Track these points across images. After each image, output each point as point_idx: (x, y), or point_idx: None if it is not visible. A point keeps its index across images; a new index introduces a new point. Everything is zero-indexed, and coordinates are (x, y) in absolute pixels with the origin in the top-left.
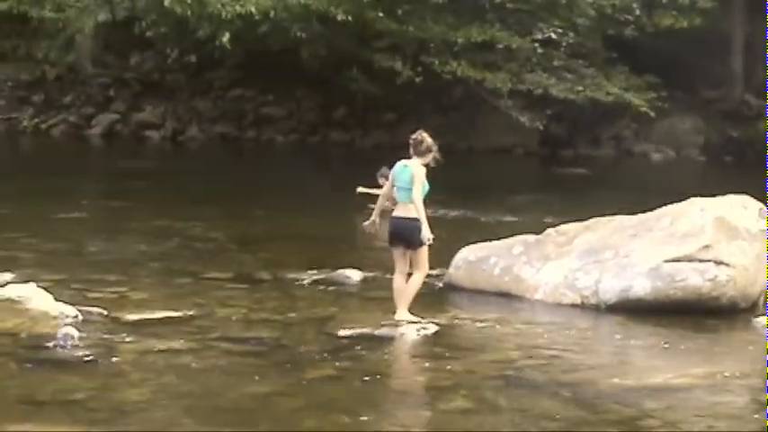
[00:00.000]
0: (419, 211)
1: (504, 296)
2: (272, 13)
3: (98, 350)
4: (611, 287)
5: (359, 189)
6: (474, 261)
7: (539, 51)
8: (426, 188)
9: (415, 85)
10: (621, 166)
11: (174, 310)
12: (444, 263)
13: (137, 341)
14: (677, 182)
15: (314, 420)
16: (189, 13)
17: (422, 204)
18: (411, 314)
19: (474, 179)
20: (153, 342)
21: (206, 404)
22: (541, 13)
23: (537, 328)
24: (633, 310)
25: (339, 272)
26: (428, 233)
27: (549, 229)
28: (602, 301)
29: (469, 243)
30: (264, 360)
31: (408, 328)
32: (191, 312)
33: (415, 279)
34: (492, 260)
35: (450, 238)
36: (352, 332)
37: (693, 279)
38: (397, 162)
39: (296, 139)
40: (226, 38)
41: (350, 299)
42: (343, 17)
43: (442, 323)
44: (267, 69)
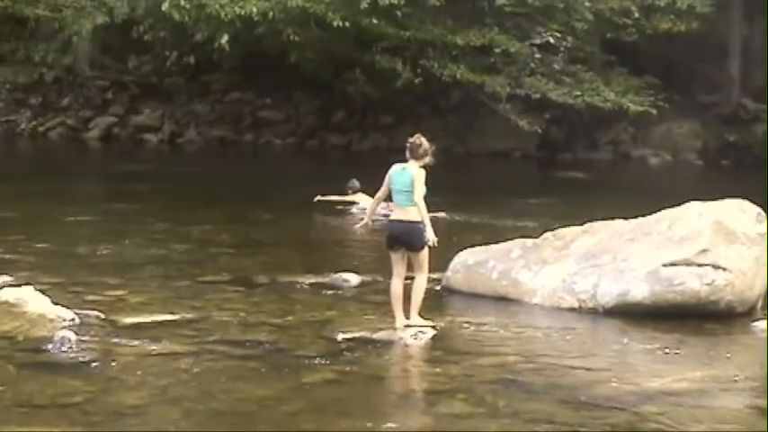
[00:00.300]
0: (422, 213)
1: (502, 300)
2: (270, 14)
3: (95, 353)
4: (609, 291)
5: (317, 197)
6: (472, 265)
7: (537, 56)
8: (424, 191)
9: (413, 88)
10: (619, 170)
11: (172, 313)
12: (442, 266)
13: (134, 344)
14: (675, 186)
15: (312, 424)
16: (187, 18)
17: (424, 206)
18: (421, 317)
19: (472, 183)
20: (150, 345)
21: (204, 407)
22: (540, 18)
23: (535, 332)
24: (631, 314)
25: (337, 275)
26: (432, 236)
27: (547, 233)
28: (600, 304)
29: (467, 247)
30: (262, 363)
31: (406, 331)
32: (188, 315)
33: (421, 282)
34: (490, 264)
35: (448, 241)
36: (350, 336)
37: (691, 283)
38: (393, 165)
39: (294, 142)
40: (225, 39)
41: (348, 302)
42: (340, 23)
43: (440, 327)
44: (265, 73)
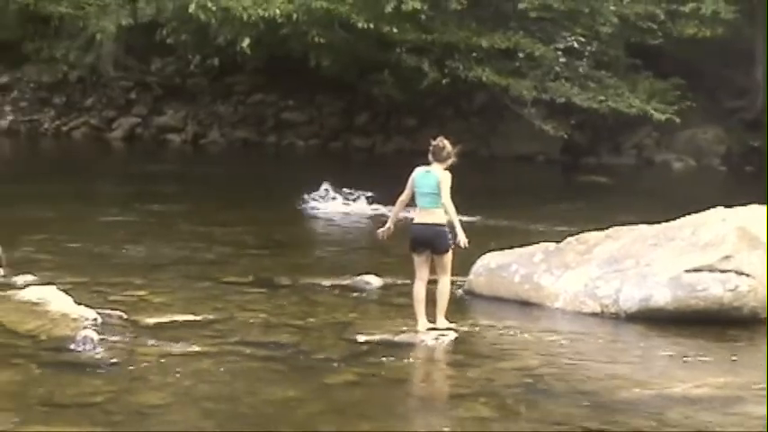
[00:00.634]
0: (452, 215)
1: (524, 304)
2: (294, 16)
3: (117, 353)
4: (631, 296)
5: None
6: (494, 268)
7: (562, 60)
8: None
9: (437, 90)
10: (642, 174)
11: (194, 314)
12: (464, 270)
13: (156, 345)
14: (698, 191)
15: (333, 426)
16: (213, 20)
17: (453, 209)
18: (447, 320)
19: (495, 186)
20: (172, 346)
21: (225, 408)
22: (564, 22)
23: (557, 337)
24: (653, 319)
25: (359, 278)
26: (464, 237)
27: (570, 238)
28: (622, 310)
29: (490, 250)
30: (284, 365)
31: (428, 334)
32: (210, 316)
33: (446, 284)
34: (512, 268)
35: (471, 245)
36: (371, 338)
37: (714, 289)
38: (417, 168)
39: (317, 144)
40: (246, 43)
41: (370, 305)
42: (364, 25)
43: (462, 330)
44: (288, 74)
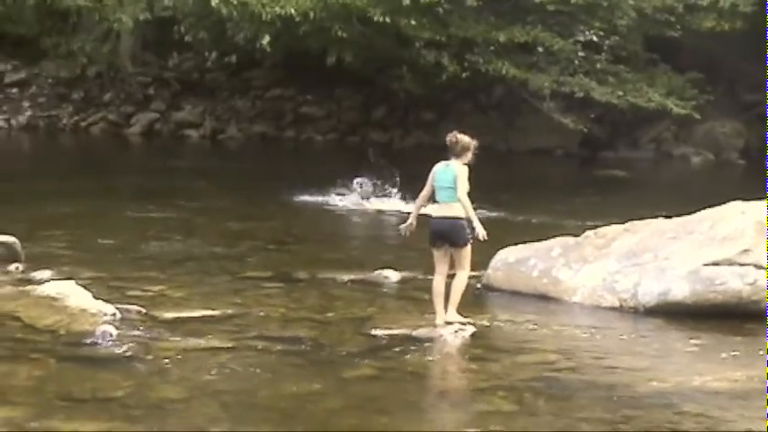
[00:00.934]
0: (468, 209)
1: (543, 298)
2: (311, 14)
3: (136, 348)
4: (649, 290)
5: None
6: (512, 262)
7: (580, 54)
8: (467, 188)
9: (456, 84)
10: (661, 168)
11: (212, 308)
12: (483, 264)
13: (174, 339)
14: (717, 185)
15: (351, 420)
16: (234, 14)
17: (468, 202)
18: (459, 314)
19: (513, 180)
20: (191, 340)
21: (243, 403)
22: (582, 16)
23: (575, 331)
24: (672, 313)
25: (377, 272)
26: (482, 230)
27: (588, 232)
28: (640, 304)
29: (508, 244)
30: (302, 359)
31: (446, 329)
32: (229, 311)
33: (462, 278)
34: (531, 262)
35: (489, 239)
36: (390, 332)
37: (733, 283)
38: (438, 164)
39: (335, 138)
40: (266, 40)
41: (388, 299)
42: (381, 18)
43: (480, 324)
44: (306, 69)
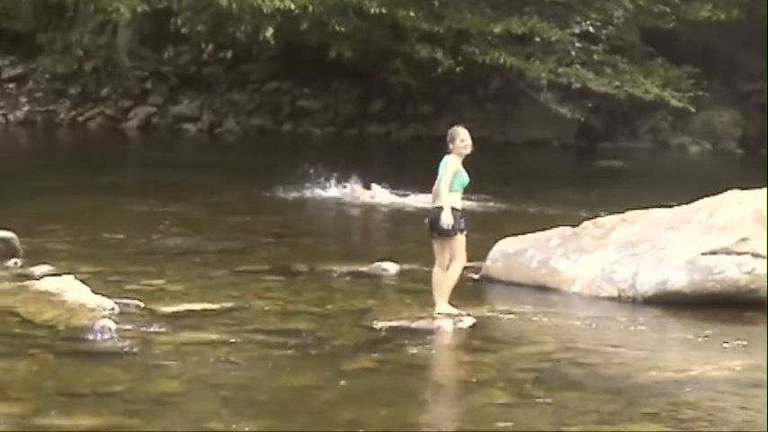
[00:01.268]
0: (443, 198)
1: (541, 289)
2: (310, 8)
3: (135, 342)
4: (648, 280)
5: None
6: (511, 253)
7: (577, 45)
8: (465, 180)
9: (452, 77)
10: (659, 158)
11: (211, 302)
12: (481, 255)
13: (173, 333)
14: (715, 174)
15: (350, 413)
16: (233, 6)
17: (446, 192)
18: (451, 305)
19: (511, 171)
20: (189, 334)
21: (243, 396)
22: (578, 7)
23: (574, 321)
24: (670, 302)
25: (376, 264)
26: (448, 219)
27: (586, 222)
28: (639, 293)
29: (506, 235)
30: (301, 352)
31: (445, 320)
32: (227, 305)
33: (453, 269)
34: (529, 253)
35: (487, 230)
36: (389, 325)
37: (731, 272)
38: None
39: (332, 131)
40: (270, 33)
41: (387, 291)
42: (377, 11)
43: (479, 316)
44: (303, 62)
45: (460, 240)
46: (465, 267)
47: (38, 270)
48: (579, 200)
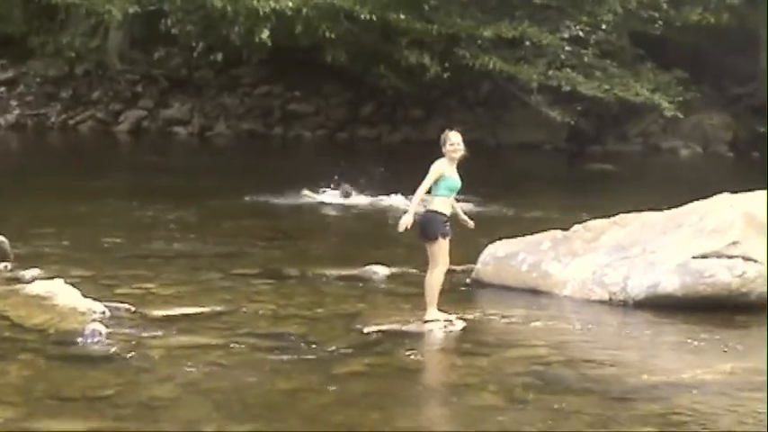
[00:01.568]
0: (414, 199)
1: (532, 292)
2: (303, 10)
3: (125, 346)
4: (639, 283)
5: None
6: (502, 257)
7: (567, 49)
8: (455, 185)
9: (443, 81)
10: (649, 161)
11: (202, 305)
12: (472, 259)
13: (164, 337)
14: (705, 178)
15: (342, 416)
16: (228, 9)
17: (418, 194)
18: (440, 311)
19: (502, 175)
20: (180, 338)
21: (234, 400)
22: (569, 11)
23: (565, 325)
24: (661, 306)
25: (367, 268)
26: (405, 220)
27: (577, 225)
28: (630, 297)
29: (497, 239)
30: (292, 356)
31: (436, 324)
32: (219, 308)
33: (434, 275)
34: (520, 256)
35: (478, 233)
36: (379, 328)
37: (722, 275)
38: None
39: (323, 135)
40: (265, 34)
41: (378, 295)
42: (367, 16)
43: (470, 319)
44: (294, 66)
45: (442, 245)
46: (457, 271)
47: (28, 274)
48: (570, 203)
